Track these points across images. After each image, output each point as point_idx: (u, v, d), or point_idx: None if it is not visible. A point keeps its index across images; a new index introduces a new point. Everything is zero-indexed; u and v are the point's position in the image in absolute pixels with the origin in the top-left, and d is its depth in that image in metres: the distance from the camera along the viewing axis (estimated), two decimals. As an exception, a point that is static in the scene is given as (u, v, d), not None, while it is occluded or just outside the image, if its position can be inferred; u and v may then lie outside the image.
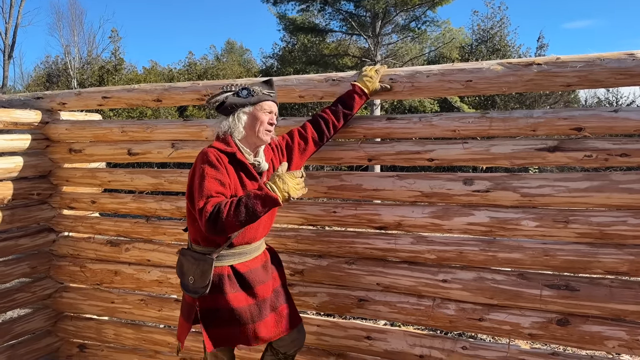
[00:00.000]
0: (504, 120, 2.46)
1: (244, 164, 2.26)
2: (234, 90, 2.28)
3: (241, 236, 2.30)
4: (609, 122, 2.30)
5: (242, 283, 2.30)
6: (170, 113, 18.15)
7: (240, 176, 2.24)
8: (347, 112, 2.58)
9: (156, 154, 3.26)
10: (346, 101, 2.58)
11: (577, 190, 2.35)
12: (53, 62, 27.32)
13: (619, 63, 2.23)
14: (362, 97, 2.58)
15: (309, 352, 2.95)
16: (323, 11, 18.78)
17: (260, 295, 2.33)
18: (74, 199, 3.59)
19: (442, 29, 18.99)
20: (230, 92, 2.28)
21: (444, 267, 2.63)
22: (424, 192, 2.62)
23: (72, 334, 3.70)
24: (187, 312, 2.35)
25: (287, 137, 2.53)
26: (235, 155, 2.24)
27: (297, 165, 2.52)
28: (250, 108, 2.28)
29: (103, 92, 3.36)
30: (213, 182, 2.10)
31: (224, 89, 2.29)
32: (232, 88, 2.29)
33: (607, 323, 2.35)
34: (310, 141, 2.54)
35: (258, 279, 2.35)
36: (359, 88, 2.57)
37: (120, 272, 3.44)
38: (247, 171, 2.27)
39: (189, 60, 25.45)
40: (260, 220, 2.30)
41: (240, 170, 2.25)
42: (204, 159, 2.17)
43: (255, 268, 2.36)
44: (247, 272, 2.32)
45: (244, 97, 2.27)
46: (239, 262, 2.31)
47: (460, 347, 2.63)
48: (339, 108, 2.57)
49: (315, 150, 2.59)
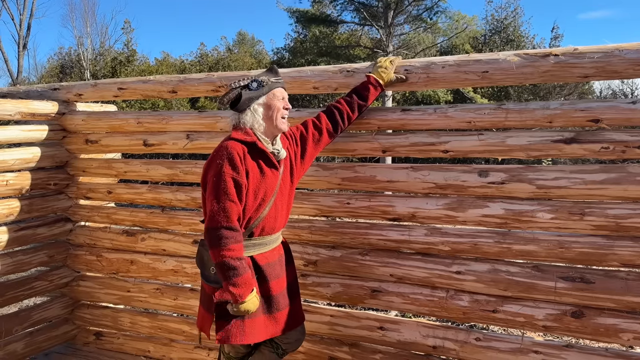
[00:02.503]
0: (520, 111, 2.44)
1: (263, 152, 2.27)
2: (242, 85, 2.27)
3: (261, 227, 2.31)
4: (627, 114, 2.27)
5: (259, 275, 2.31)
6: (182, 104, 18.22)
7: (259, 164, 2.25)
8: (362, 103, 2.57)
9: (171, 145, 3.28)
10: (361, 92, 2.58)
11: (593, 183, 2.33)
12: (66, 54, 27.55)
13: (638, 54, 2.20)
14: (377, 88, 2.57)
15: (322, 341, 2.98)
16: (335, 1, 18.69)
17: (273, 290, 2.35)
18: (90, 189, 3.63)
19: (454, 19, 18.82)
20: (239, 87, 2.26)
21: (457, 258, 2.63)
22: (438, 183, 2.62)
23: (89, 322, 3.77)
24: (208, 303, 2.33)
25: (301, 127, 2.53)
26: (255, 144, 2.24)
27: (311, 155, 2.53)
28: (263, 99, 2.28)
29: (119, 84, 3.39)
30: (230, 184, 2.12)
31: (232, 85, 2.27)
32: (240, 83, 2.27)
33: (623, 316, 2.34)
34: (325, 132, 2.53)
35: (274, 273, 2.36)
36: (373, 79, 2.57)
37: (136, 261, 3.48)
38: (266, 159, 2.28)
39: (200, 51, 25.56)
40: (279, 212, 2.33)
41: (259, 158, 2.26)
42: (224, 154, 2.16)
43: (273, 261, 2.38)
44: (265, 265, 2.33)
45: (255, 89, 2.27)
46: (258, 252, 2.33)
47: (474, 338, 2.64)
48: (353, 99, 2.57)
49: (329, 142, 2.59)
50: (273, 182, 2.30)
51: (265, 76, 2.32)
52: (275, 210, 2.34)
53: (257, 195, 2.24)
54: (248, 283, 2.13)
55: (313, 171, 2.87)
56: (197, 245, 3.22)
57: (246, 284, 2.12)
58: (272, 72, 2.39)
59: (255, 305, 2.17)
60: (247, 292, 2.12)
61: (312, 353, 2.99)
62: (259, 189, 2.25)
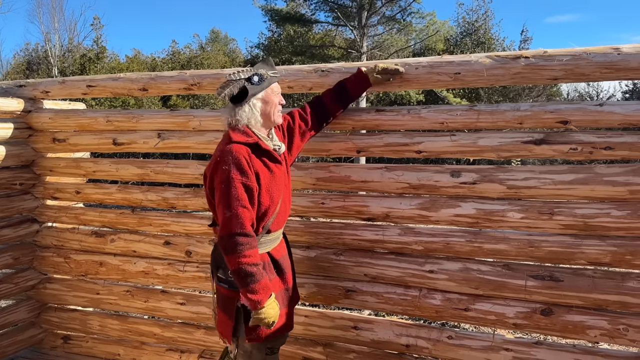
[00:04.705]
0: (492, 113, 2.48)
1: (267, 150, 2.21)
2: (243, 77, 2.16)
3: (277, 222, 2.28)
4: (594, 116, 2.33)
5: (277, 269, 2.29)
6: (154, 102, 17.94)
7: (266, 164, 2.20)
8: (347, 96, 2.55)
9: (142, 144, 3.22)
10: (347, 85, 2.55)
11: (562, 183, 2.39)
12: (33, 50, 26.83)
13: (604, 57, 2.26)
14: (363, 83, 2.55)
15: (296, 342, 2.97)
16: (309, 1, 18.69)
17: (289, 282, 2.35)
18: (57, 189, 3.54)
19: (427, 21, 19.04)
20: (241, 80, 2.16)
21: (430, 258, 2.66)
22: (411, 183, 2.64)
23: (56, 325, 3.67)
24: (229, 307, 2.23)
25: (288, 117, 2.48)
26: (258, 144, 2.18)
27: (297, 147, 2.50)
28: (262, 94, 2.20)
29: (88, 81, 3.31)
30: (240, 190, 2.05)
31: (232, 77, 2.15)
32: (241, 75, 2.16)
33: (590, 313, 2.40)
34: (310, 124, 2.51)
35: (287, 267, 2.36)
36: (362, 72, 2.54)
37: (105, 263, 3.41)
38: (270, 156, 2.23)
39: (172, 49, 25.17)
40: (287, 205, 2.34)
41: (264, 157, 2.20)
42: (229, 159, 2.08)
43: (285, 254, 2.38)
44: (281, 258, 2.32)
45: (257, 83, 2.18)
46: (272, 247, 2.30)
47: (446, 336, 2.67)
48: (339, 92, 2.54)
49: (314, 134, 2.56)
50: (281, 177, 2.28)
51: (263, 69, 2.23)
52: (284, 204, 2.32)
53: (272, 193, 2.20)
54: (266, 288, 2.07)
55: (287, 171, 2.86)
56: (168, 246, 3.19)
57: (264, 289, 2.06)
58: (268, 65, 2.29)
59: (275, 311, 2.10)
60: (265, 297, 2.06)
61: (285, 354, 2.97)
62: (272, 187, 2.20)
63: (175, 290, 3.31)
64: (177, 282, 3.22)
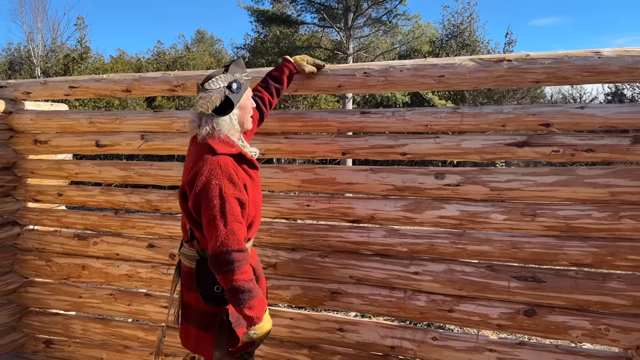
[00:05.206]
0: (475, 115, 2.50)
1: (247, 159, 2.15)
2: (224, 86, 2.03)
3: (254, 228, 2.22)
4: (575, 119, 2.36)
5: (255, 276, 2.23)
6: (138, 103, 17.79)
7: (248, 172, 2.13)
8: (279, 87, 2.55)
9: (125, 146, 3.19)
10: (276, 76, 2.56)
11: (544, 185, 2.41)
12: (15, 50, 26.39)
13: (585, 61, 2.29)
14: (292, 72, 2.59)
15: (281, 344, 2.96)
16: (295, 2, 18.68)
17: (263, 289, 2.32)
18: (39, 192, 3.49)
19: (413, 23, 19.16)
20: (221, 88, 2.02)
21: (415, 259, 2.67)
22: (396, 185, 2.65)
23: (38, 330, 3.61)
24: (206, 322, 2.14)
25: None
26: (241, 155, 2.11)
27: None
28: (239, 102, 2.11)
29: (70, 82, 3.27)
30: (235, 205, 1.96)
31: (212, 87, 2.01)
32: (220, 83, 2.02)
33: (572, 313, 2.43)
34: (255, 121, 2.41)
35: (261, 272, 2.33)
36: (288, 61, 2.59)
37: (88, 266, 3.36)
38: (250, 164, 2.16)
39: (157, 49, 25.01)
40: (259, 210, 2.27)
41: (244, 165, 2.12)
42: (219, 173, 1.97)
43: (257, 260, 2.36)
44: (255, 265, 2.28)
45: (236, 91, 2.07)
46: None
47: (431, 337, 2.68)
48: (270, 84, 2.53)
49: (256, 131, 2.50)
50: (259, 184, 2.24)
51: (238, 73, 2.11)
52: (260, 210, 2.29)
53: (256, 203, 2.16)
54: (263, 303, 2.01)
55: (273, 173, 2.86)
56: (152, 249, 3.15)
57: (261, 304, 1.99)
58: (240, 67, 2.16)
59: (270, 324, 2.04)
60: (262, 312, 1.99)
61: (270, 357, 2.96)
62: (255, 196, 2.15)
63: (159, 294, 3.28)
64: (161, 286, 3.18)
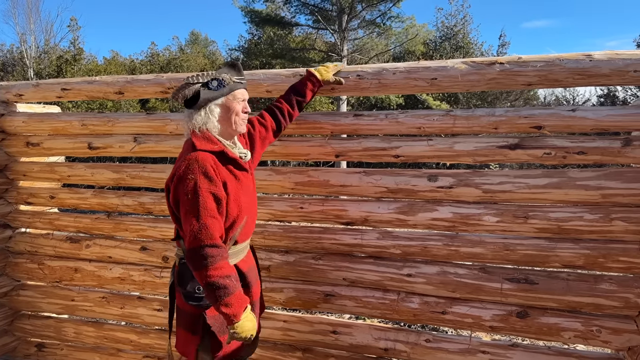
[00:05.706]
0: (467, 118, 2.51)
1: (232, 158, 2.14)
2: (201, 82, 2.07)
3: (244, 232, 2.20)
4: (567, 121, 2.38)
5: (243, 282, 2.19)
6: (132, 105, 17.71)
7: (232, 171, 2.12)
8: (301, 99, 2.55)
9: (118, 148, 3.18)
10: (299, 89, 2.56)
11: (536, 187, 2.43)
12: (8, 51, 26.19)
13: (577, 63, 2.30)
14: (315, 85, 2.57)
15: (275, 347, 2.95)
16: (289, 4, 18.68)
17: (254, 296, 2.28)
18: (31, 194, 3.47)
19: (406, 25, 19.19)
20: (198, 84, 2.06)
21: (408, 261, 2.67)
22: (389, 188, 2.65)
23: (30, 333, 3.59)
24: (192, 324, 2.14)
25: (248, 125, 2.43)
26: (224, 152, 2.10)
27: (258, 154, 2.45)
28: (222, 99, 2.11)
29: (62, 84, 3.25)
30: (208, 199, 1.95)
31: (189, 80, 2.06)
32: (199, 79, 2.07)
33: (564, 315, 2.44)
34: (270, 130, 2.47)
35: (254, 279, 2.29)
36: (312, 74, 2.57)
37: (80, 269, 3.35)
38: (236, 164, 2.16)
39: (151, 51, 24.90)
40: (254, 215, 2.26)
41: (229, 164, 2.12)
42: (196, 168, 1.97)
43: (252, 266, 2.31)
44: (247, 271, 2.24)
45: (215, 89, 2.08)
46: (239, 259, 2.23)
47: (424, 339, 2.69)
48: (292, 96, 2.54)
49: (273, 140, 2.53)
50: (248, 186, 2.23)
51: (227, 74, 2.14)
52: (252, 214, 2.25)
53: (240, 202, 2.13)
54: (241, 300, 1.95)
55: (266, 175, 2.85)
56: (144, 251, 3.14)
57: (239, 301, 1.94)
58: (235, 70, 2.19)
59: (253, 323, 1.98)
60: (240, 310, 1.93)
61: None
62: (239, 196, 2.13)
63: (151, 297, 3.27)
64: (154, 288, 3.17)
